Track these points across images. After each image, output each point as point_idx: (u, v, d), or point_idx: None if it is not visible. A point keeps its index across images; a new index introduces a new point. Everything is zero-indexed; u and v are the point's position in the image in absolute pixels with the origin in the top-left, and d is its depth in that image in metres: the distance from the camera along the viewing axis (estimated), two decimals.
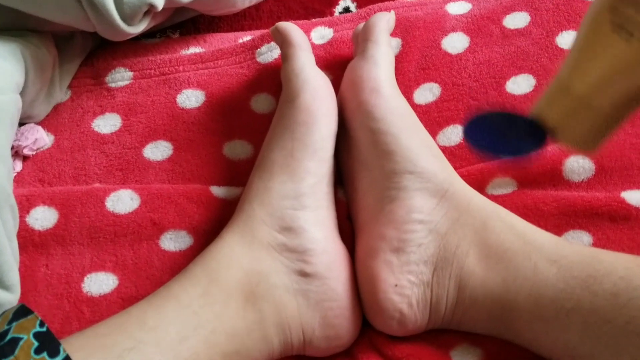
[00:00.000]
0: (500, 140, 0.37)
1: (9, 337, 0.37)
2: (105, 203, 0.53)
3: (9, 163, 0.50)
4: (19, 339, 0.37)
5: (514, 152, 0.36)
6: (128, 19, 0.54)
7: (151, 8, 0.55)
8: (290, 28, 0.57)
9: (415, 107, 0.57)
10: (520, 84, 0.57)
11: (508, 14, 0.61)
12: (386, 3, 0.64)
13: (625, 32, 0.32)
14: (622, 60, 0.33)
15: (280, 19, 0.67)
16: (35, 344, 0.37)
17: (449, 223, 0.47)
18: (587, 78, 0.34)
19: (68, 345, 0.38)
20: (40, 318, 0.38)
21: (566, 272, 0.43)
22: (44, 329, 0.38)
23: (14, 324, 0.38)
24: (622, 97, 0.34)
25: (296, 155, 0.49)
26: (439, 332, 0.48)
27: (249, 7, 0.66)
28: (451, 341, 0.47)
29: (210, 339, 0.42)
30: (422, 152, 0.49)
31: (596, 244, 0.50)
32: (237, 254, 0.46)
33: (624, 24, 0.32)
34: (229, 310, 0.43)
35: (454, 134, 0.56)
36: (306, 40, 0.57)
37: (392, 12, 0.60)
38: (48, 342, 0.37)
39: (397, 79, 0.56)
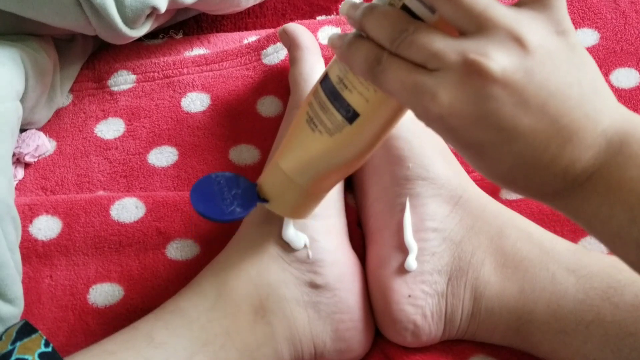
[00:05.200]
0: (214, 201, 0.40)
1: (13, 358, 0.36)
2: (110, 212, 0.52)
3: (10, 174, 0.49)
4: None
5: (221, 214, 0.40)
6: (130, 22, 0.53)
7: (154, 10, 0.53)
8: (299, 30, 0.55)
9: None
10: None
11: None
12: None
13: (313, 124, 0.38)
14: (311, 147, 0.39)
15: (284, 16, 0.65)
16: None
17: (463, 231, 0.46)
18: (290, 159, 0.40)
19: None
20: (44, 337, 0.37)
21: (585, 282, 0.42)
22: (49, 349, 0.37)
23: (18, 343, 0.37)
24: (319, 176, 0.40)
25: None
26: (454, 342, 0.47)
27: (252, 5, 0.64)
28: (466, 351, 0.46)
29: (220, 354, 0.41)
30: (435, 157, 0.48)
31: None
32: (245, 265, 0.45)
33: (313, 118, 0.38)
34: (239, 324, 0.42)
35: None
36: (315, 42, 0.55)
37: None
38: None
39: None
